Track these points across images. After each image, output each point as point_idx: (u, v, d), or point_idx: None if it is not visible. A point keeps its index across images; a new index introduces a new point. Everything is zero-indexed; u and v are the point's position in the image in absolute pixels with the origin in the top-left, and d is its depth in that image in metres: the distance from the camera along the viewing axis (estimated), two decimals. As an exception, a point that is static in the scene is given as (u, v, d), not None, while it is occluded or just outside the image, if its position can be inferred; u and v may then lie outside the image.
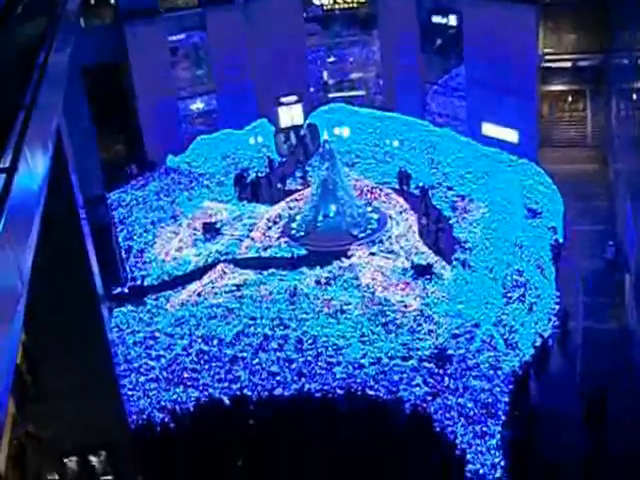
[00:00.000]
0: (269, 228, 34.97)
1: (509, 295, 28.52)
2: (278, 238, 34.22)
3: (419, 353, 26.05)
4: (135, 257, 33.93)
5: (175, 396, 25.38)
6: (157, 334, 28.64)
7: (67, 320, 16.98)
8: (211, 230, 35.02)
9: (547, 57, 38.01)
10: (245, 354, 27.03)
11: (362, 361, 26.06)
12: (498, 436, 22.40)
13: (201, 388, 25.68)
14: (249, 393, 25.05)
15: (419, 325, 27.43)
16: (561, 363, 25.95)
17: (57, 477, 18.38)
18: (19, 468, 16.18)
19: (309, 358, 26.48)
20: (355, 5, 46.97)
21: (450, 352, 25.82)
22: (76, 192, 19.07)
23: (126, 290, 31.60)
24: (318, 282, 30.41)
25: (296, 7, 44.47)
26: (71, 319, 17.16)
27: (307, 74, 45.97)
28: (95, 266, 20.02)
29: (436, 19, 42.53)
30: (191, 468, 20.86)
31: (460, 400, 23.87)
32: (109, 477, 19.20)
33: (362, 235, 33.53)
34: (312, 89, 46.80)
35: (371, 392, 24.58)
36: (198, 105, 44.07)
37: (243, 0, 42.66)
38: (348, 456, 20.36)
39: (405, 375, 25.19)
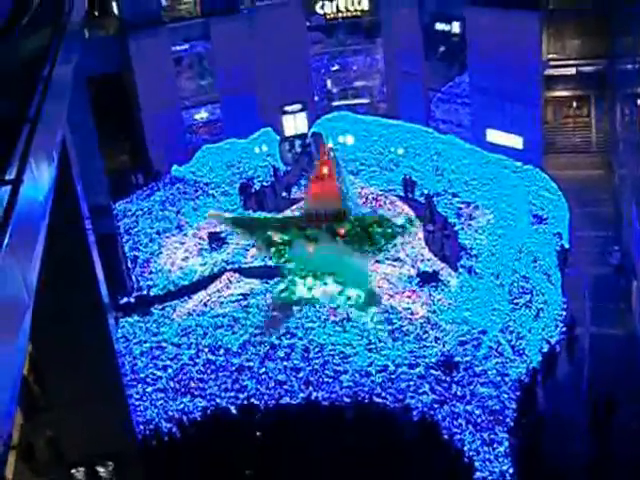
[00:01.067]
0: (275, 237, 34.93)
1: (515, 301, 28.48)
2: (284, 247, 34.19)
3: (426, 361, 25.99)
4: (141, 267, 33.96)
5: (182, 406, 25.35)
6: (164, 344, 28.63)
7: (73, 330, 17.02)
8: (217, 240, 35.05)
9: (551, 63, 37.98)
10: (252, 363, 27.00)
11: (369, 369, 26.01)
12: (506, 443, 22.32)
13: (208, 398, 25.65)
14: (256, 402, 25.03)
15: (426, 332, 27.38)
16: (568, 369, 25.85)
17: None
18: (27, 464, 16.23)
19: (316, 367, 26.43)
20: (358, 13, 46.98)
21: (457, 359, 25.76)
22: (81, 202, 19.10)
23: (132, 300, 31.62)
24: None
25: (299, 16, 44.53)
26: (77, 329, 17.19)
27: (311, 83, 45.99)
28: (101, 276, 20.02)
29: (439, 26, 42.49)
30: (198, 478, 20.82)
31: (467, 407, 23.81)
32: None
33: (367, 243, 33.47)
34: (316, 97, 46.84)
35: (378, 400, 24.52)
36: (202, 115, 44.11)
37: (247, 10, 42.83)
38: (355, 464, 20.33)
39: (412, 383, 25.13)
